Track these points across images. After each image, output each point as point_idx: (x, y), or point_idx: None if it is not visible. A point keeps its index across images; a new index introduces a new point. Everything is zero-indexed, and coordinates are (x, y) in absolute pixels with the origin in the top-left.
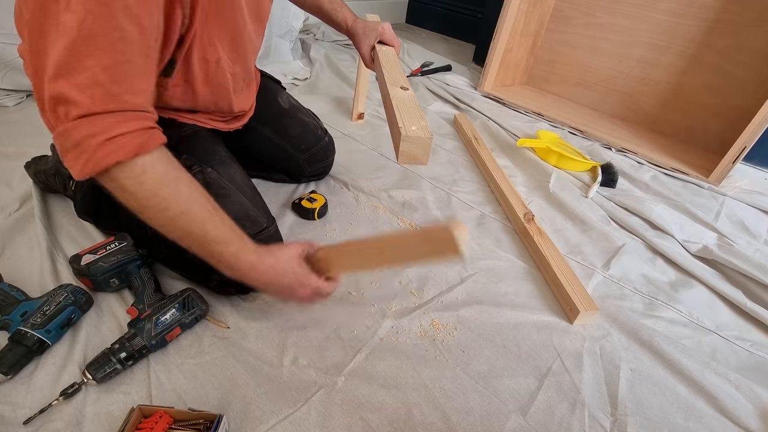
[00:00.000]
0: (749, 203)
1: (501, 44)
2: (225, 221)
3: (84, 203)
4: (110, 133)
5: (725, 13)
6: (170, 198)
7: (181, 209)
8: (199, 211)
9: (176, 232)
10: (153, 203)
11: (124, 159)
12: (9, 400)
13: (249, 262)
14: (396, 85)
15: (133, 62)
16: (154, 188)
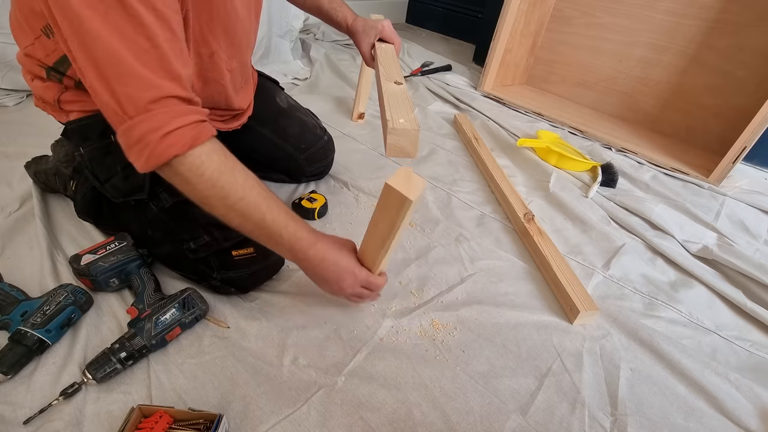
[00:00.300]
0: (749, 203)
1: (501, 44)
2: (280, 205)
3: (84, 203)
4: (167, 128)
5: (725, 13)
6: (228, 186)
7: (239, 196)
8: (255, 196)
9: (237, 219)
10: (213, 192)
11: (181, 152)
12: (9, 399)
13: (308, 240)
14: (390, 80)
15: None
16: (213, 178)
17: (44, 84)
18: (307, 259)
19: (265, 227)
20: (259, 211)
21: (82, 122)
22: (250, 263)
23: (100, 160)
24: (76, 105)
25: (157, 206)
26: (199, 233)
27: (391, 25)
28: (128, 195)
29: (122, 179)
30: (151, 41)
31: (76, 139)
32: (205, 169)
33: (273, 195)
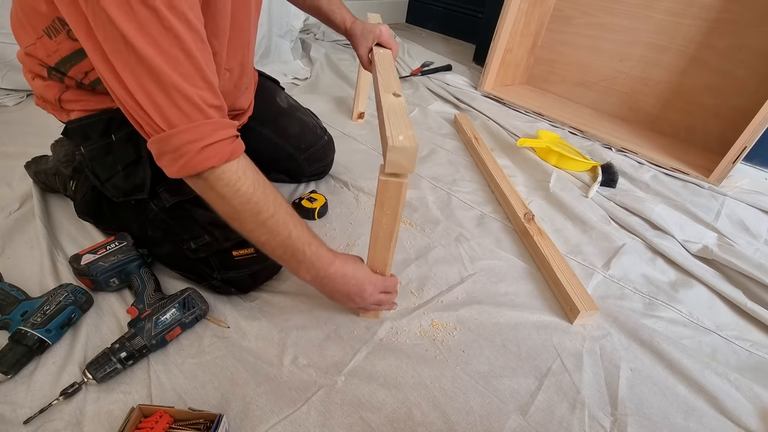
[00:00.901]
0: (749, 203)
1: (501, 44)
2: (302, 223)
3: (84, 203)
4: (208, 141)
5: (725, 13)
6: (261, 202)
7: (270, 212)
8: (284, 213)
9: (264, 235)
10: (247, 208)
11: (218, 164)
12: (9, 399)
13: (328, 258)
14: (389, 91)
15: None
16: (248, 193)
17: (45, 83)
18: (328, 276)
19: (290, 245)
20: (287, 228)
21: (83, 121)
22: (251, 263)
23: (101, 159)
24: (78, 104)
25: (157, 206)
26: (200, 233)
27: (389, 30)
28: (129, 194)
29: (123, 179)
30: (186, 52)
31: (77, 138)
32: (242, 184)
33: (295, 213)
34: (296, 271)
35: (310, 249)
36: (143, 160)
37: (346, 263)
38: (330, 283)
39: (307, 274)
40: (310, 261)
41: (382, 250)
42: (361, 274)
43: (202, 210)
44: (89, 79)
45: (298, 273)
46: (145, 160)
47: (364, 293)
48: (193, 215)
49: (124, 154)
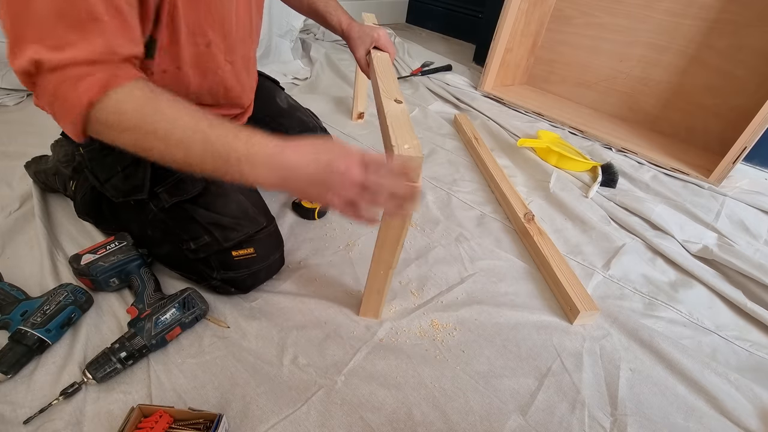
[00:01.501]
0: (749, 203)
1: (501, 44)
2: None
3: (84, 203)
4: (78, 76)
5: (725, 13)
6: (153, 116)
7: (170, 121)
8: (188, 118)
9: (179, 152)
10: (140, 129)
11: (96, 97)
12: (9, 399)
13: (272, 144)
14: (390, 97)
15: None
16: (135, 114)
17: None
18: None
19: (212, 147)
20: (199, 130)
21: None
22: (250, 263)
23: (100, 160)
24: None
25: (156, 206)
26: (200, 233)
27: (386, 34)
28: (128, 195)
29: (122, 179)
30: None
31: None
32: (126, 105)
33: (210, 114)
34: (241, 176)
35: (240, 142)
36: (143, 161)
37: (301, 142)
38: (292, 172)
39: (254, 172)
40: (247, 155)
41: (388, 252)
42: (324, 147)
43: (202, 210)
44: None
45: (245, 178)
46: (145, 160)
47: (339, 169)
48: (192, 215)
49: (124, 155)
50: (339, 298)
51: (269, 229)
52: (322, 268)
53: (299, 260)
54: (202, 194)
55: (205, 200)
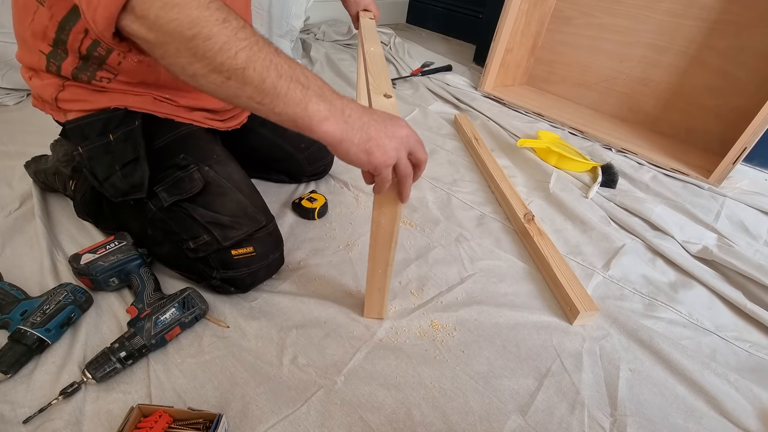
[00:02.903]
0: (749, 204)
1: (501, 44)
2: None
3: (84, 203)
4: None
5: (726, 14)
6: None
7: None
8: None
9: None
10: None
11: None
12: (8, 398)
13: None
14: (380, 92)
15: None
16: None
17: (42, 82)
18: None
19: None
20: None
21: (81, 121)
22: (250, 262)
23: (100, 159)
24: (75, 104)
25: (155, 206)
26: (199, 232)
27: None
28: (127, 194)
29: (121, 178)
30: None
31: (75, 138)
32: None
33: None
34: (306, 103)
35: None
36: (141, 159)
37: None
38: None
39: (320, 102)
40: (316, 84)
41: (382, 251)
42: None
43: (201, 209)
44: (90, 38)
45: (308, 107)
46: (143, 159)
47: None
48: (191, 215)
49: (122, 154)
50: (339, 298)
51: (269, 228)
52: (322, 268)
53: (299, 260)
54: (201, 193)
55: (204, 199)
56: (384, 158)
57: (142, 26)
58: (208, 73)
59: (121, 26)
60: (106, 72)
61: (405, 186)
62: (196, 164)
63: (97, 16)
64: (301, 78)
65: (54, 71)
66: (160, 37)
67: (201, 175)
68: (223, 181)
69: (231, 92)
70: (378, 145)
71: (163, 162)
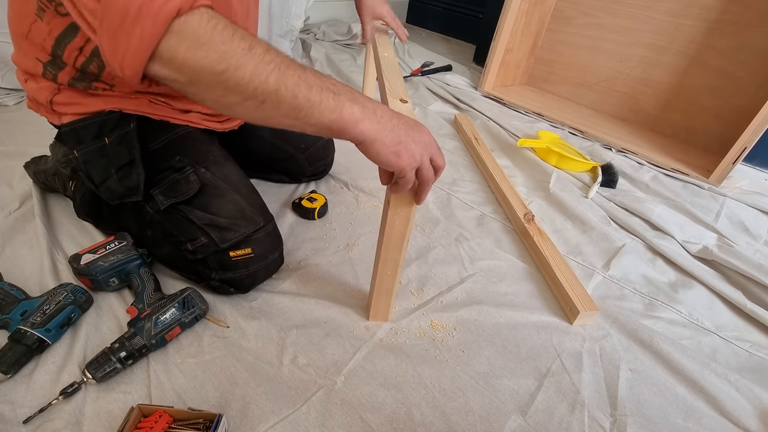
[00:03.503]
0: (749, 204)
1: (501, 44)
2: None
3: (83, 204)
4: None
5: (726, 14)
6: (248, 37)
7: (266, 46)
8: (283, 52)
9: (274, 74)
10: (234, 45)
11: (187, 8)
12: (8, 398)
13: (366, 97)
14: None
15: None
16: (228, 30)
17: (38, 85)
18: (376, 106)
19: (309, 76)
20: (293, 62)
21: (76, 125)
22: (249, 263)
23: (95, 162)
24: (69, 107)
25: (153, 209)
26: (197, 235)
27: (392, 12)
28: (123, 197)
29: (117, 181)
30: None
31: (69, 141)
32: (216, 23)
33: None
34: (338, 108)
35: (336, 80)
36: (136, 162)
37: (383, 106)
38: (382, 116)
39: (352, 105)
40: (345, 89)
41: (394, 252)
42: (404, 118)
43: (198, 211)
44: (84, 55)
45: (340, 110)
46: (138, 162)
47: (421, 130)
48: (188, 217)
49: (118, 157)
50: (339, 298)
51: (267, 228)
52: (322, 268)
53: (299, 260)
54: (198, 195)
55: (201, 201)
56: (411, 161)
57: (171, 70)
58: (242, 102)
59: (149, 72)
60: (103, 83)
61: (424, 190)
62: (192, 166)
63: (125, 66)
64: (330, 86)
65: (50, 78)
66: (191, 76)
67: (197, 177)
68: (219, 183)
69: (267, 114)
70: (406, 149)
71: (159, 164)
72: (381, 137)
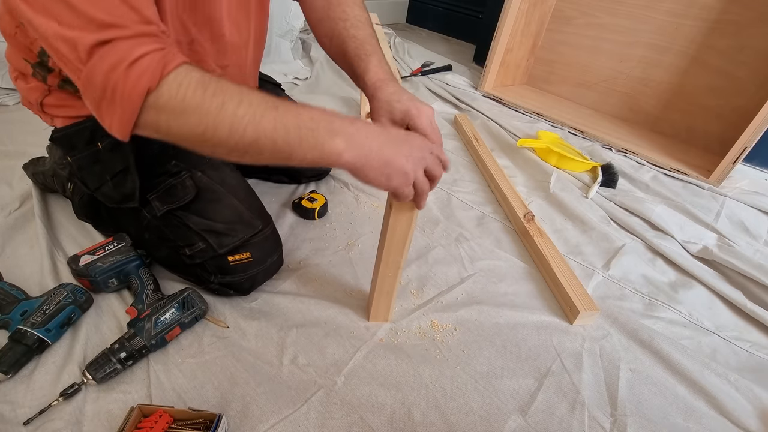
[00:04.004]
0: (749, 204)
1: (501, 44)
2: (289, 101)
3: (82, 206)
4: (130, 58)
5: (726, 14)
6: (218, 94)
7: (237, 99)
8: (258, 94)
9: (249, 129)
10: (205, 107)
11: (155, 84)
12: (8, 399)
13: (347, 119)
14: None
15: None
16: (198, 94)
17: (28, 85)
18: (359, 128)
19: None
20: (269, 104)
21: (68, 130)
22: (247, 267)
23: (89, 168)
24: (60, 110)
25: (150, 213)
26: (194, 240)
27: (431, 115)
28: (120, 203)
29: (112, 188)
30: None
31: (63, 147)
32: (186, 89)
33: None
34: (318, 148)
35: (315, 112)
36: (131, 170)
37: (376, 128)
38: (368, 137)
39: (332, 141)
40: (324, 122)
41: (396, 255)
42: (400, 136)
43: (195, 217)
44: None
45: (321, 148)
46: (133, 169)
47: (414, 139)
48: (186, 223)
49: (112, 164)
50: (339, 298)
51: (266, 232)
52: (322, 268)
53: (299, 260)
54: (195, 200)
55: (198, 207)
56: (402, 179)
57: (159, 135)
58: (229, 153)
59: (139, 134)
60: None
61: (421, 199)
62: (188, 170)
63: (113, 131)
64: (307, 123)
65: (40, 79)
66: (178, 138)
67: (193, 182)
68: (216, 187)
69: (255, 159)
70: (395, 169)
71: (156, 169)
72: (368, 162)
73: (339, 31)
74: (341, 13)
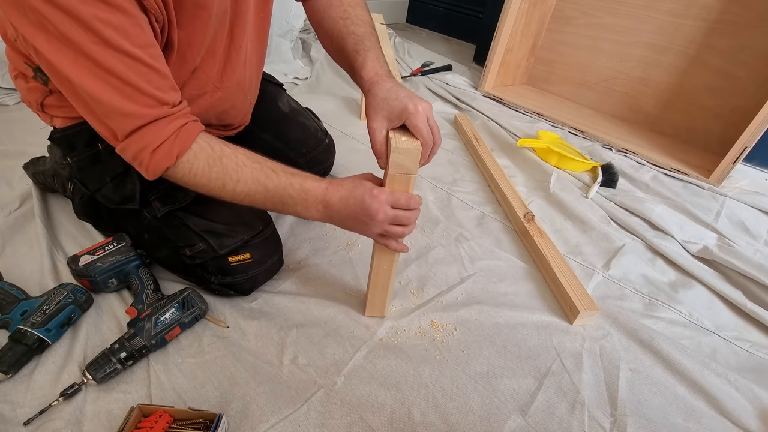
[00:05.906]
0: (749, 204)
1: (501, 44)
2: (276, 168)
3: (82, 206)
4: (153, 145)
5: (726, 14)
6: (221, 175)
7: (235, 179)
8: (250, 173)
9: (245, 199)
10: (211, 185)
11: (171, 163)
12: (9, 398)
13: (318, 189)
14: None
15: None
16: (205, 174)
17: (28, 85)
18: (327, 205)
19: (272, 196)
20: (260, 183)
21: (68, 131)
22: (248, 268)
23: (89, 169)
24: (60, 110)
25: (150, 214)
26: (195, 240)
27: (428, 110)
28: (120, 204)
29: (112, 190)
30: (123, 79)
31: (62, 148)
32: (196, 169)
33: (267, 161)
34: (297, 215)
35: (293, 189)
36: (131, 172)
37: (342, 185)
38: (333, 212)
39: (307, 212)
40: (301, 200)
41: (387, 253)
42: (359, 191)
43: (195, 218)
44: None
45: (300, 215)
46: (133, 171)
47: (369, 210)
48: (186, 223)
49: (112, 166)
50: (339, 297)
51: (266, 233)
52: (322, 267)
53: (299, 260)
54: (195, 202)
55: (198, 208)
56: (370, 235)
57: (177, 181)
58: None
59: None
60: None
61: (391, 245)
62: None
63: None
64: (288, 200)
65: (41, 82)
66: (189, 185)
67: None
68: None
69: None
70: (361, 231)
71: None
72: (334, 222)
73: (339, 29)
74: (342, 12)
